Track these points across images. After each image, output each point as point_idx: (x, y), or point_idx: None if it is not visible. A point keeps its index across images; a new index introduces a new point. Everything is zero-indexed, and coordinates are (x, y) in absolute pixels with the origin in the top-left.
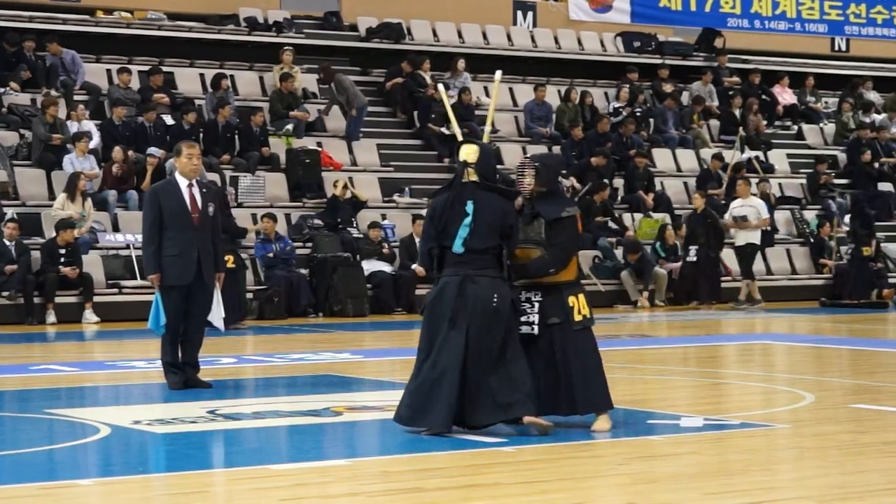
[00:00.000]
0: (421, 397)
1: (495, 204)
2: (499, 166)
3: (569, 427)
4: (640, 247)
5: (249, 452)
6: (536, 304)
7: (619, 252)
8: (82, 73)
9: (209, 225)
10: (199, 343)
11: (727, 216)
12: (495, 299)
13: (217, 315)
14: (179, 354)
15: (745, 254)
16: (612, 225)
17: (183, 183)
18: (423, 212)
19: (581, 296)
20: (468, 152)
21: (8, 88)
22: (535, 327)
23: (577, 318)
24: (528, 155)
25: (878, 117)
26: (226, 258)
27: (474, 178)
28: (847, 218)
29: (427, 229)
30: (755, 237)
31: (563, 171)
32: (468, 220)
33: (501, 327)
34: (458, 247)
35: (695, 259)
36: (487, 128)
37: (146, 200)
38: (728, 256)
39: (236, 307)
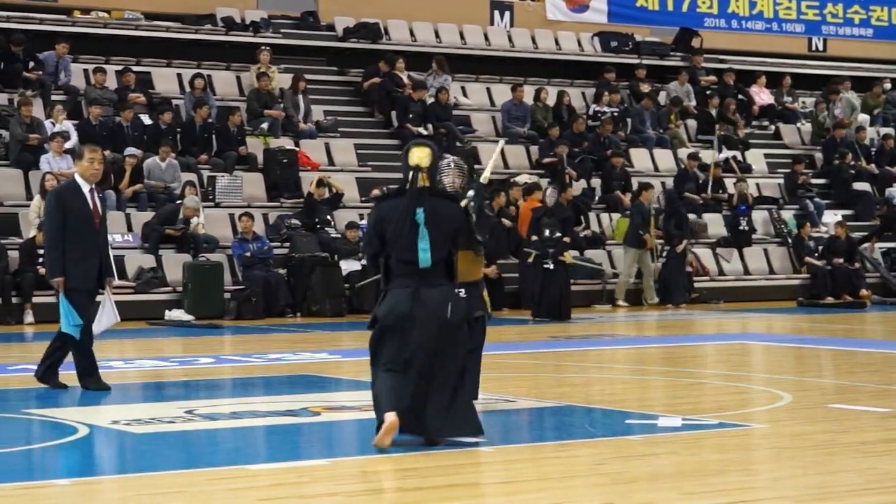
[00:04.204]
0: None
1: (446, 211)
2: (476, 166)
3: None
4: None
5: (227, 452)
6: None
7: (596, 253)
8: (69, 75)
9: (105, 230)
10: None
11: None
12: (449, 310)
13: (105, 320)
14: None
15: None
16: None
17: (85, 187)
18: None
19: (485, 292)
20: (421, 156)
21: None
22: None
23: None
24: (445, 155)
25: (862, 116)
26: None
27: (425, 183)
28: (661, 218)
29: (371, 236)
30: None
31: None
32: (421, 229)
33: (455, 338)
34: (425, 261)
35: None
36: (487, 173)
37: (51, 202)
38: (706, 255)
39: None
